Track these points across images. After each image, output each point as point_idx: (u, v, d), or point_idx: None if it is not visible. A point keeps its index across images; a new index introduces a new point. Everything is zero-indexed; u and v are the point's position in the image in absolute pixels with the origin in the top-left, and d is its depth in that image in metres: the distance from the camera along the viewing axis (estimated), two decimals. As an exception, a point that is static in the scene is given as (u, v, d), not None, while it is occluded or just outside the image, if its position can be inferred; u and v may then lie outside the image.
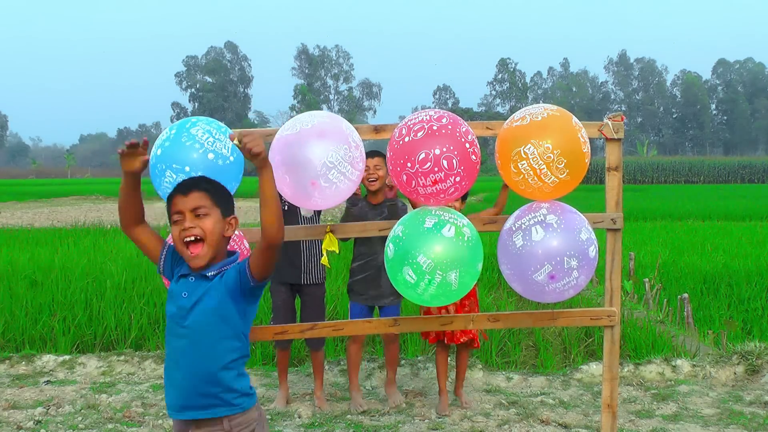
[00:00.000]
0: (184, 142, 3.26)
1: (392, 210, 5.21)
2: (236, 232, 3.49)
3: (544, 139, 3.27)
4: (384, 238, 5.27)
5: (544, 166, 3.27)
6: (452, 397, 5.48)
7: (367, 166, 5.17)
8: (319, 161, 3.22)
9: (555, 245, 3.30)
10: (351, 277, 5.42)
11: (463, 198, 5.16)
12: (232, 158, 3.36)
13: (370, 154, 5.14)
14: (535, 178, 3.31)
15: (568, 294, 3.44)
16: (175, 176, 3.24)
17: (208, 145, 3.27)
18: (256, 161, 2.61)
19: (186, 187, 2.72)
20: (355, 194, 5.09)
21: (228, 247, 2.93)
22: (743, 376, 6.00)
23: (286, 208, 5.28)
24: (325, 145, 3.23)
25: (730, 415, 5.18)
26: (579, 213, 3.49)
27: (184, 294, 2.69)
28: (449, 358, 5.55)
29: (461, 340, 5.21)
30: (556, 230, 3.33)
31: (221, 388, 2.64)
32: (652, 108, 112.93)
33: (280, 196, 5.24)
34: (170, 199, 2.73)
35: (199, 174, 3.12)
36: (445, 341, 5.26)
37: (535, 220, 3.37)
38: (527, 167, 3.30)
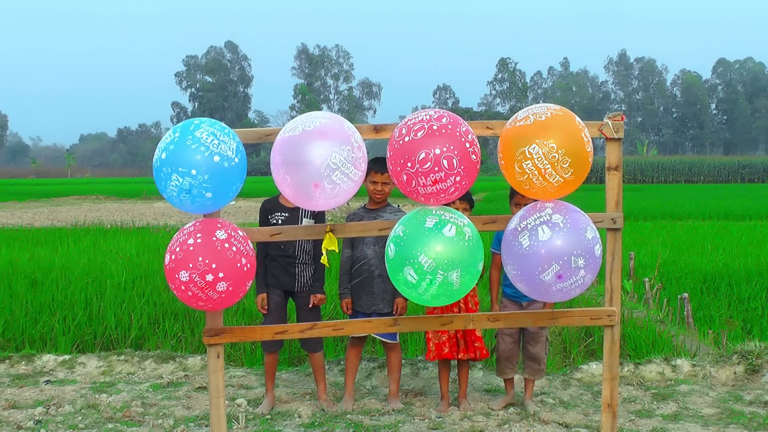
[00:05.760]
0: (189, 145, 3.25)
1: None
2: (240, 233, 3.49)
3: (548, 138, 3.27)
4: (374, 243, 5.30)
5: (548, 165, 3.27)
6: (452, 397, 5.49)
7: (375, 180, 5.17)
8: (322, 163, 3.21)
9: (562, 245, 3.30)
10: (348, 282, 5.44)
11: (470, 204, 5.18)
12: (237, 160, 3.37)
13: (379, 168, 5.12)
14: (540, 178, 3.31)
15: (574, 293, 3.44)
16: (181, 180, 3.24)
17: (213, 148, 3.27)
18: None
19: None
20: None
21: (233, 247, 3.01)
22: (743, 376, 6.00)
23: (281, 222, 5.27)
24: (328, 147, 3.23)
25: (730, 415, 5.18)
26: (582, 212, 3.49)
27: None
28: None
29: (463, 357, 5.29)
30: (563, 230, 3.33)
31: None
32: (652, 108, 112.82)
33: (279, 205, 5.27)
34: None
35: (206, 176, 3.16)
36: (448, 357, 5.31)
37: (541, 219, 3.37)
38: (532, 167, 3.30)
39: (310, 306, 5.36)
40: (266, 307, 5.33)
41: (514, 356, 5.36)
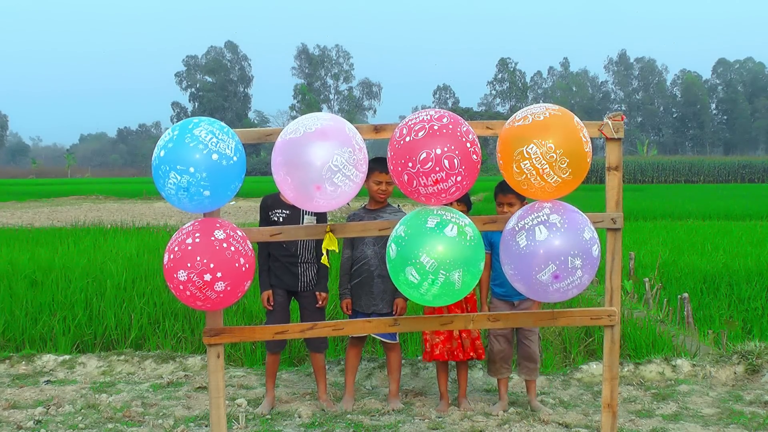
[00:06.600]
0: (187, 143, 3.26)
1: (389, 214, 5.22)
2: (239, 233, 3.49)
3: (546, 138, 3.27)
4: (374, 243, 5.30)
5: (546, 165, 3.27)
6: (452, 397, 5.49)
7: (379, 180, 5.17)
8: (323, 165, 3.21)
9: (559, 245, 3.31)
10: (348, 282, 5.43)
11: (468, 206, 5.19)
12: (235, 158, 3.37)
13: (383, 167, 5.12)
14: (538, 178, 3.31)
15: (572, 293, 3.44)
16: (179, 177, 3.24)
17: (211, 146, 3.28)
18: None
19: None
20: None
21: (232, 246, 3.00)
22: (743, 376, 6.00)
23: (282, 219, 5.26)
24: (329, 149, 3.23)
25: (730, 415, 5.18)
26: (581, 212, 3.49)
27: None
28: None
29: (465, 357, 5.30)
30: (560, 230, 3.33)
31: None
32: (652, 108, 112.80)
33: (280, 202, 5.25)
34: None
35: (204, 174, 3.15)
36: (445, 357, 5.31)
37: (539, 219, 3.37)
38: (530, 167, 3.30)
39: (318, 305, 5.36)
40: (272, 304, 5.32)
41: (508, 356, 5.37)
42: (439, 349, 5.30)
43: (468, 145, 3.28)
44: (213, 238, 3.36)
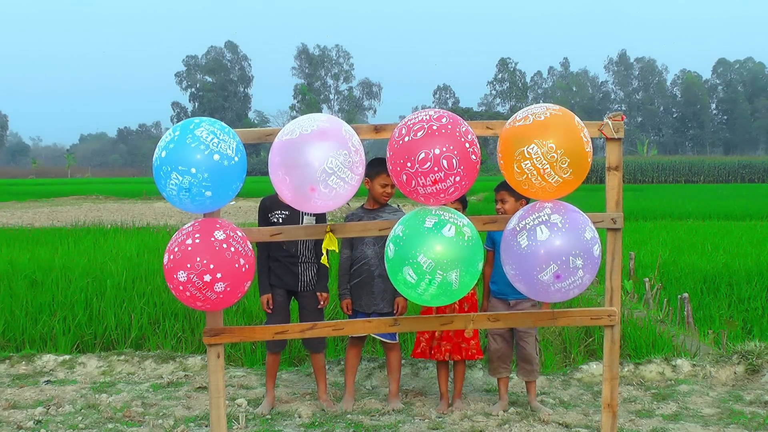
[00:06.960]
0: (188, 144, 3.26)
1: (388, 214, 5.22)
2: (239, 233, 3.49)
3: (547, 138, 3.27)
4: (374, 243, 5.30)
5: (547, 165, 3.27)
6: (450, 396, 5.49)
7: (386, 183, 5.17)
8: (319, 167, 3.21)
9: (560, 245, 3.31)
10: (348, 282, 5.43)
11: (464, 205, 5.20)
12: (236, 158, 3.37)
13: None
14: (539, 178, 3.31)
15: (573, 293, 3.44)
16: (181, 178, 3.24)
17: (213, 146, 3.28)
18: None
19: None
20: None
21: (232, 247, 2.99)
22: (743, 376, 6.00)
23: (281, 220, 5.26)
24: (325, 151, 3.23)
25: (730, 415, 5.18)
26: (582, 212, 3.49)
27: None
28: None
29: (455, 358, 5.30)
30: (561, 230, 3.33)
31: None
32: (652, 108, 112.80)
33: (279, 203, 5.24)
34: None
35: (206, 175, 3.15)
36: (440, 357, 5.31)
37: (540, 219, 3.37)
38: (531, 167, 3.30)
39: (319, 306, 5.36)
40: (271, 306, 5.32)
41: (506, 356, 5.37)
42: (421, 347, 5.33)
43: (467, 145, 3.28)
44: (213, 239, 3.36)
